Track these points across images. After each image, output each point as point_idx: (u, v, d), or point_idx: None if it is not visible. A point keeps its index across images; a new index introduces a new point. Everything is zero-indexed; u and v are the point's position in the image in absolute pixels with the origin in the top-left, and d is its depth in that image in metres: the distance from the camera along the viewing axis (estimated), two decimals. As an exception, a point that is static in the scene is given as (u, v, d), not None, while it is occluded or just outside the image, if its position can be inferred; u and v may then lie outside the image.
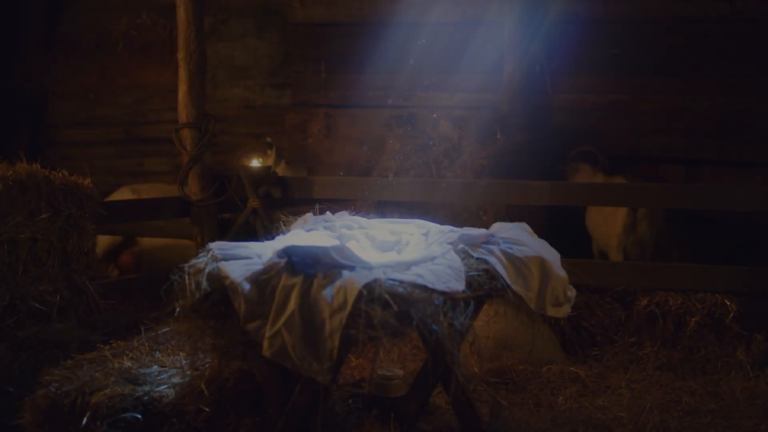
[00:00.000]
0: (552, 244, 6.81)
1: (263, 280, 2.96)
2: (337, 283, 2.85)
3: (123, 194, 7.57)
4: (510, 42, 7.92)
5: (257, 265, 3.08)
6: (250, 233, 5.86)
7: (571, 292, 3.63)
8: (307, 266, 2.97)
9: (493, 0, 8.07)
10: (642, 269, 5.49)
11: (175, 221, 6.59)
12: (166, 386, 3.43)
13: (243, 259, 3.17)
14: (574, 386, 4.94)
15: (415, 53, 8.29)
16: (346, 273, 2.91)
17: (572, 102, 8.14)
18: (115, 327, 4.36)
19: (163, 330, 4.08)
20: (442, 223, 4.10)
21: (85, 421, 3.24)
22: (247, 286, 2.95)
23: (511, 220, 6.94)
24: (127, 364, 3.63)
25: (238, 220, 6.00)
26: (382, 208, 7.05)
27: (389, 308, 2.75)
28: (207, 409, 3.30)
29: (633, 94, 8.01)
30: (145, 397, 3.35)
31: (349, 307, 2.75)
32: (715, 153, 7.81)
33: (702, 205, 5.53)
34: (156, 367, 3.62)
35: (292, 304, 2.85)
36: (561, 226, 7.48)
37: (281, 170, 7.32)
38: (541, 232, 7.14)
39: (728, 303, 5.30)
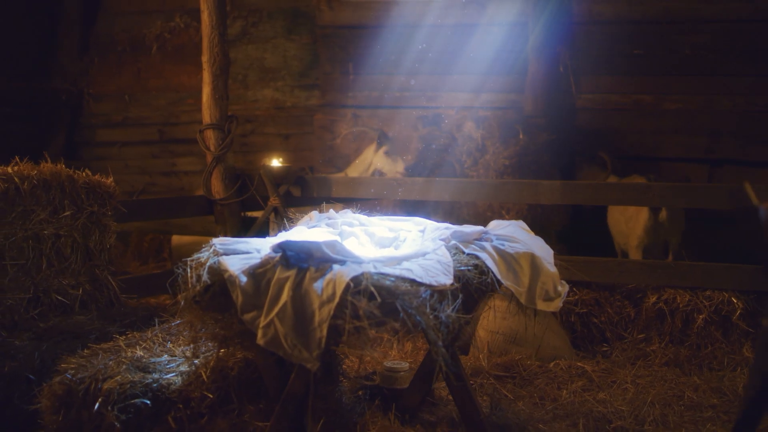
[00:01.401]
0: (573, 242, 6.93)
1: (259, 273, 3.14)
2: (328, 276, 3.01)
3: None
4: (534, 43, 8.04)
5: (255, 259, 3.25)
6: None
7: (563, 288, 3.75)
8: (300, 260, 3.14)
9: (517, 2, 8.17)
10: (650, 267, 5.57)
11: (200, 219, 6.79)
12: (174, 374, 3.61)
13: (243, 254, 3.35)
14: (581, 381, 5.05)
15: (441, 54, 8.43)
16: (336, 267, 3.07)
17: (595, 102, 8.23)
18: (134, 319, 4.54)
19: (176, 322, 4.25)
20: (465, 222, 4.24)
21: (96, 406, 3.42)
22: (244, 279, 3.12)
23: (533, 218, 7.13)
24: (140, 353, 3.81)
25: (260, 218, 6.18)
26: (407, 206, 7.21)
27: (375, 300, 2.91)
28: (211, 396, 3.48)
29: (656, 94, 8.07)
30: (154, 384, 3.52)
31: (337, 299, 2.91)
32: (738, 152, 7.84)
33: (694, 205, 5.65)
34: (166, 356, 3.80)
35: (285, 295, 3.02)
36: (583, 225, 7.60)
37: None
38: (563, 230, 7.28)
39: (735, 301, 5.37)
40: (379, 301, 2.89)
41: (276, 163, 6.16)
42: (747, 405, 2.23)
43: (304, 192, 6.29)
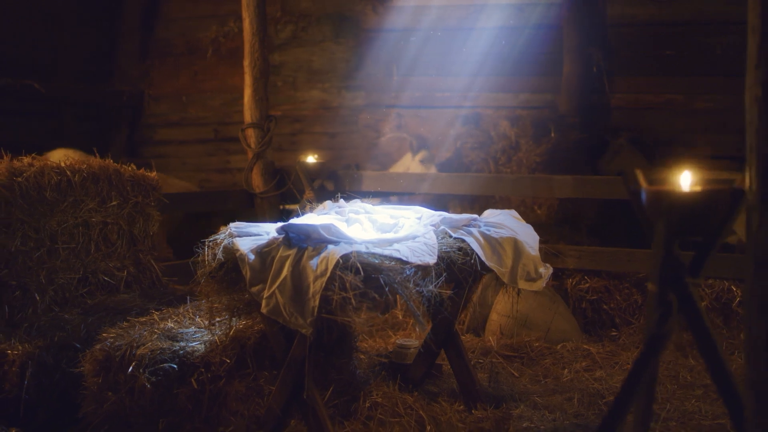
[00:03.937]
0: (603, 234, 7.18)
1: (265, 252, 3.61)
2: (323, 254, 3.46)
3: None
4: (568, 45, 8.34)
5: (263, 240, 3.72)
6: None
7: (546, 270, 4.13)
8: (300, 241, 3.60)
9: (552, 5, 8.49)
10: (656, 257, 5.88)
11: (243, 211, 7.30)
12: (198, 342, 4.10)
13: (254, 236, 3.82)
14: (585, 362, 5.41)
15: (480, 56, 8.77)
16: (331, 246, 3.52)
17: (628, 101, 8.48)
18: (171, 298, 5.05)
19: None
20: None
21: (130, 369, 3.92)
22: (252, 257, 3.59)
23: (564, 212, 7.45)
24: (170, 325, 4.30)
25: (296, 210, 6.65)
26: (442, 201, 7.60)
27: (360, 274, 3.35)
28: (228, 361, 3.95)
29: (687, 93, 8.29)
30: (181, 351, 4.01)
31: (328, 273, 3.36)
32: (768, 150, 8.02)
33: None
34: (193, 328, 4.29)
35: (286, 271, 3.48)
36: (616, 218, 7.87)
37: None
38: (594, 223, 7.55)
39: (734, 289, 5.64)
40: (363, 275, 3.33)
41: (311, 159, 6.62)
42: (634, 364, 2.54)
43: (337, 186, 6.74)
